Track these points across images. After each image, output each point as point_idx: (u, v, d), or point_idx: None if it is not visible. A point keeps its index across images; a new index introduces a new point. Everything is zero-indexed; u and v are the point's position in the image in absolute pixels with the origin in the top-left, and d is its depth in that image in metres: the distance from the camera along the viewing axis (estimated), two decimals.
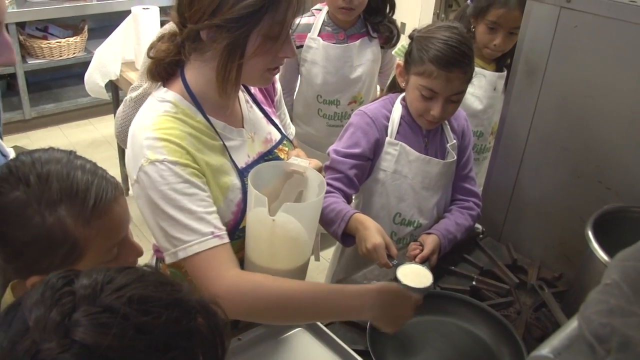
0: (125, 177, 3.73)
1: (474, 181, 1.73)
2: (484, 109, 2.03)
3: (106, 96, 3.14)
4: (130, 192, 1.11)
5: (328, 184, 1.51)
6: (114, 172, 4.05)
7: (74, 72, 4.30)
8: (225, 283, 1.10)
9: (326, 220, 1.51)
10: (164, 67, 1.20)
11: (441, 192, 1.64)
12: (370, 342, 1.26)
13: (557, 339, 0.73)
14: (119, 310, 0.55)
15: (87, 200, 0.88)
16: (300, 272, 1.29)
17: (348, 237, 1.49)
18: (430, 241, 1.52)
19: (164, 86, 1.21)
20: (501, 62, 2.03)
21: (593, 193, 1.49)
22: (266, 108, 1.39)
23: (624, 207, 1.32)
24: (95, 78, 2.95)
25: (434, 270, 1.49)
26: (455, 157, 1.63)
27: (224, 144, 1.21)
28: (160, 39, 1.21)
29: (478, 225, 1.76)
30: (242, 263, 1.30)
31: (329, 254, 2.01)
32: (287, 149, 1.40)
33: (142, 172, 1.10)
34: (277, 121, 1.41)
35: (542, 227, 1.66)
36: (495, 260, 1.65)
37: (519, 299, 1.52)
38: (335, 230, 1.49)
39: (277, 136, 1.39)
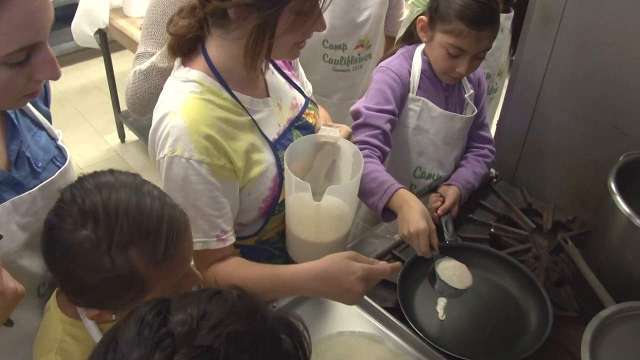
0: (120, 123, 3.69)
1: (488, 128, 1.74)
2: (491, 51, 1.99)
3: (96, 45, 3.05)
4: (127, 138, 1.11)
5: (365, 142, 1.48)
6: (108, 118, 3.99)
7: (55, 15, 4.13)
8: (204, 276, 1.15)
9: (365, 190, 1.44)
10: (186, 43, 1.17)
11: (461, 145, 1.65)
12: (401, 299, 1.31)
13: None
14: (219, 351, 0.56)
15: (159, 242, 0.85)
16: (344, 241, 1.33)
17: (388, 211, 1.43)
18: (451, 193, 1.54)
19: (184, 64, 1.18)
20: (509, 2, 1.98)
21: (609, 139, 1.51)
22: (286, 72, 1.36)
23: None
24: (83, 27, 2.85)
25: (455, 220, 1.53)
26: (476, 110, 1.63)
27: (252, 119, 1.20)
28: (180, 12, 1.16)
29: (492, 170, 1.79)
30: (283, 235, 1.34)
31: None
32: (313, 112, 1.38)
33: (166, 161, 1.10)
34: (298, 84, 1.39)
35: (555, 171, 1.69)
36: (511, 206, 1.69)
37: (535, 243, 1.57)
38: (375, 202, 1.43)
39: (301, 100, 1.37)
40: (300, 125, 1.32)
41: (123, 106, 3.59)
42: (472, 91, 1.63)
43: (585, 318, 1.15)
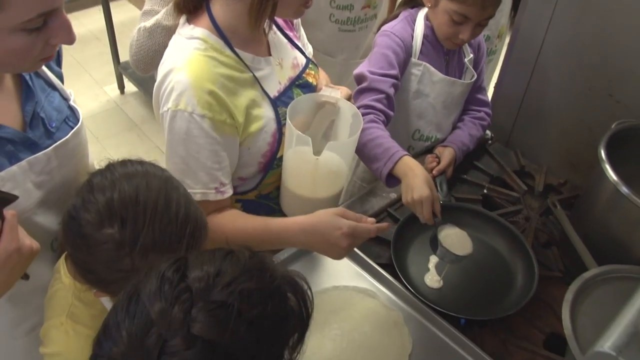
0: (120, 75, 3.67)
1: (485, 91, 1.76)
2: None
3: None
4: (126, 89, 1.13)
5: (370, 106, 1.49)
6: (108, 69, 3.95)
7: None
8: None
9: (370, 155, 1.46)
10: (191, 0, 1.19)
11: (459, 109, 1.68)
12: (394, 256, 1.36)
13: (616, 335, 0.78)
14: (233, 306, 0.61)
15: (180, 250, 0.87)
16: (337, 198, 1.38)
17: (392, 178, 1.45)
18: (447, 154, 1.57)
19: (189, 22, 1.20)
20: None
21: (603, 106, 1.54)
22: (288, 32, 1.38)
23: (636, 125, 1.37)
24: None
25: (449, 181, 1.58)
26: (476, 75, 1.65)
27: (254, 76, 1.23)
28: None
29: (487, 132, 1.82)
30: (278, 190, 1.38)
31: None
32: (313, 72, 1.41)
33: (169, 115, 1.14)
34: (299, 44, 1.41)
35: (550, 134, 1.73)
36: (505, 167, 1.73)
37: (527, 205, 1.62)
38: (379, 168, 1.44)
39: (302, 60, 1.39)
40: (300, 84, 1.35)
41: (122, 57, 3.57)
42: (471, 55, 1.65)
43: (569, 279, 1.20)
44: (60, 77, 1.13)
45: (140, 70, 1.56)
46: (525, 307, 1.28)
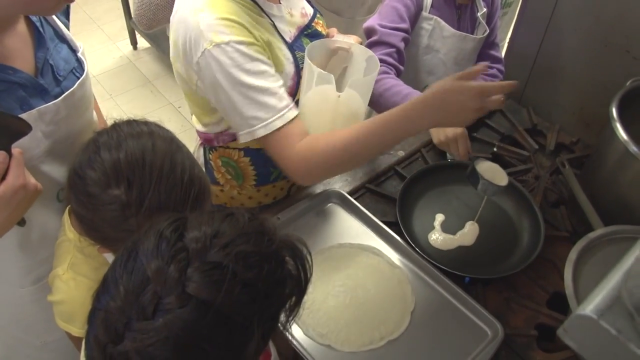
0: (132, 30, 3.65)
1: (498, 47, 1.72)
2: None
3: None
4: (139, 45, 1.11)
5: (381, 60, 1.45)
6: (120, 24, 3.95)
7: None
8: (299, 153, 1.14)
9: (388, 104, 1.42)
10: None
11: (470, 65, 1.64)
12: (400, 214, 1.36)
13: (599, 298, 0.78)
14: (228, 267, 0.62)
15: (184, 212, 0.85)
16: None
17: None
18: None
19: None
20: None
21: (619, 62, 1.50)
22: None
23: None
24: None
25: None
26: (487, 30, 1.60)
27: (270, 20, 1.22)
28: None
29: None
30: None
31: None
32: (322, 22, 1.39)
33: (208, 56, 1.10)
34: None
35: (563, 92, 1.69)
36: (516, 125, 1.70)
37: (537, 163, 1.60)
38: None
39: (310, 10, 1.38)
40: (310, 33, 1.34)
41: None
42: (485, 10, 1.60)
43: (576, 238, 1.19)
44: (67, 28, 1.14)
45: (143, 26, 1.55)
46: (530, 266, 1.28)
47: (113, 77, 3.53)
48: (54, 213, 1.11)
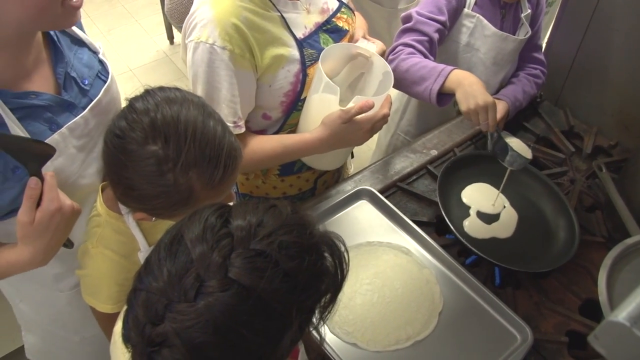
0: (169, 25, 3.69)
1: (541, 49, 1.68)
2: None
3: None
4: (175, 40, 1.14)
5: (409, 45, 1.45)
6: (157, 19, 3.97)
7: None
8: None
9: (414, 78, 1.41)
10: None
11: (509, 67, 1.61)
12: (444, 210, 1.34)
13: (632, 306, 0.76)
14: (271, 256, 0.62)
15: (218, 169, 0.90)
16: (350, 149, 1.42)
17: (443, 95, 1.40)
18: (500, 107, 1.49)
19: None
20: None
21: None
22: None
23: None
24: None
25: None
26: (530, 32, 1.57)
27: (281, 15, 1.23)
28: None
29: None
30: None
31: None
32: (346, 16, 1.38)
33: (192, 46, 1.17)
34: None
35: (602, 94, 1.65)
36: (552, 127, 1.67)
37: (573, 166, 1.56)
38: (428, 86, 1.39)
39: (334, 5, 1.36)
40: (328, 29, 1.33)
41: None
42: (529, 11, 1.56)
43: (611, 244, 1.16)
44: (81, 28, 1.11)
45: (174, 20, 1.57)
46: (562, 271, 1.26)
47: (149, 71, 3.57)
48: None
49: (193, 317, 0.59)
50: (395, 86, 1.48)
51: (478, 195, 1.43)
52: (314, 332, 0.73)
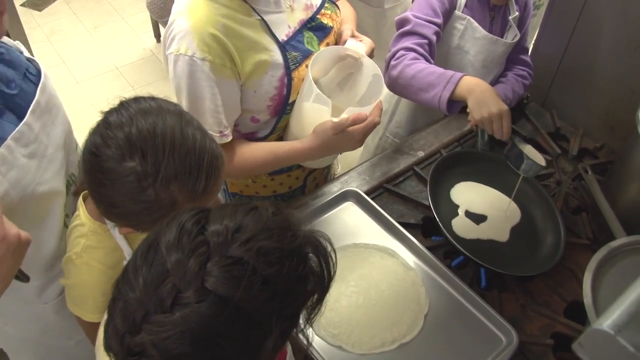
0: (156, 23, 3.66)
1: (528, 51, 1.68)
2: None
3: None
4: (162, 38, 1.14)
5: (411, 49, 1.44)
6: (144, 16, 3.94)
7: None
8: (235, 168, 1.29)
9: (421, 85, 1.40)
10: None
11: (497, 69, 1.61)
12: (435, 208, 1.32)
13: (617, 314, 0.75)
14: (248, 263, 0.60)
15: (200, 180, 0.89)
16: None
17: (453, 102, 1.39)
18: None
19: None
20: None
21: None
22: None
23: None
24: None
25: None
26: (518, 35, 1.57)
27: (262, 19, 1.21)
28: None
29: None
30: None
31: None
32: (330, 12, 1.37)
33: (172, 59, 1.16)
34: None
35: (588, 95, 1.65)
36: (539, 129, 1.67)
37: (559, 168, 1.56)
38: (437, 93, 1.37)
39: (317, 1, 1.35)
40: (313, 27, 1.32)
41: None
42: (517, 13, 1.56)
43: (597, 246, 1.16)
44: None
45: (155, 15, 1.56)
46: (548, 273, 1.26)
47: (135, 69, 3.55)
48: (63, 226, 1.09)
49: (169, 329, 0.58)
50: (399, 93, 1.47)
51: (468, 194, 1.43)
52: (301, 336, 0.72)
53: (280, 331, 0.64)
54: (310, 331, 0.72)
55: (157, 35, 3.74)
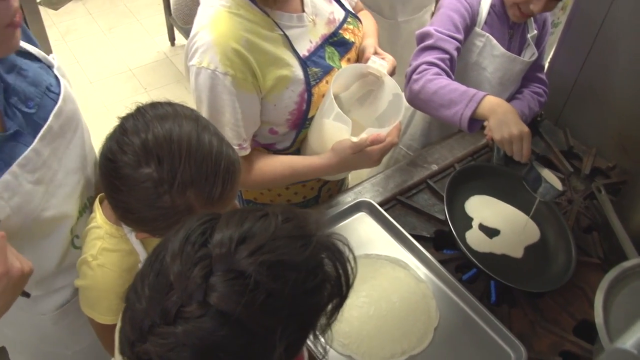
0: (171, 26, 3.69)
1: (544, 69, 1.69)
2: None
3: None
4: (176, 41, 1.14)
5: (433, 64, 1.44)
6: (159, 19, 3.98)
7: None
8: (252, 180, 1.32)
9: (442, 101, 1.39)
10: None
11: (514, 87, 1.62)
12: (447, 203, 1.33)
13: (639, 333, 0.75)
14: (250, 276, 0.58)
15: (216, 186, 0.88)
16: None
17: (474, 120, 1.38)
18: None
19: None
20: None
21: None
22: None
23: None
24: None
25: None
26: (536, 54, 1.58)
27: (284, 34, 1.22)
28: None
29: None
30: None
31: None
32: (352, 27, 1.37)
33: (194, 71, 1.17)
34: None
35: (603, 115, 1.66)
36: (552, 147, 1.68)
37: (571, 187, 1.57)
38: (459, 111, 1.36)
39: (340, 15, 1.36)
40: (335, 42, 1.33)
41: None
42: (535, 32, 1.58)
43: (608, 266, 1.17)
44: (30, 40, 1.02)
45: (180, 21, 1.58)
46: (558, 291, 1.26)
47: (149, 71, 3.57)
48: (69, 246, 1.08)
49: (172, 342, 0.58)
50: (420, 107, 1.48)
51: (482, 208, 1.43)
52: (317, 346, 0.71)
53: (286, 345, 0.62)
54: (329, 340, 0.70)
55: (172, 39, 3.77)
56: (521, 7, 1.46)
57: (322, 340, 0.70)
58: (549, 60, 1.83)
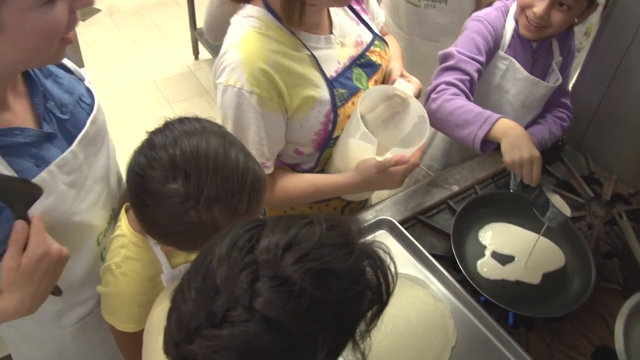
0: (195, 40, 3.75)
1: (569, 94, 1.70)
2: None
3: None
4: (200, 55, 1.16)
5: (453, 84, 1.46)
6: (184, 33, 4.06)
7: None
8: (276, 197, 1.33)
9: (458, 121, 1.41)
10: None
11: (536, 111, 1.63)
12: (454, 247, 1.35)
13: None
14: (296, 283, 0.60)
15: (242, 202, 0.90)
16: None
17: (487, 142, 1.40)
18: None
19: (247, 1, 1.23)
20: None
21: None
22: (355, 7, 1.37)
23: None
24: None
25: None
26: (560, 80, 1.59)
27: (312, 55, 1.24)
28: None
29: None
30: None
31: None
32: (379, 49, 1.39)
33: (221, 89, 1.19)
34: (367, 19, 1.40)
35: (625, 141, 1.66)
36: (573, 171, 1.68)
37: (591, 212, 1.57)
38: (473, 132, 1.38)
39: (368, 38, 1.38)
40: (362, 63, 1.34)
41: (199, 23, 3.63)
42: (560, 58, 1.59)
43: (628, 293, 1.17)
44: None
45: (211, 38, 1.61)
46: (577, 315, 1.26)
47: (173, 85, 3.63)
48: (97, 258, 1.11)
49: (218, 344, 0.60)
50: (436, 126, 1.49)
51: (497, 235, 1.44)
52: (356, 353, 0.71)
53: (327, 351, 0.64)
54: (367, 348, 0.71)
55: (196, 53, 3.83)
56: (527, 14, 1.46)
57: (361, 346, 0.71)
58: (571, 85, 1.83)
